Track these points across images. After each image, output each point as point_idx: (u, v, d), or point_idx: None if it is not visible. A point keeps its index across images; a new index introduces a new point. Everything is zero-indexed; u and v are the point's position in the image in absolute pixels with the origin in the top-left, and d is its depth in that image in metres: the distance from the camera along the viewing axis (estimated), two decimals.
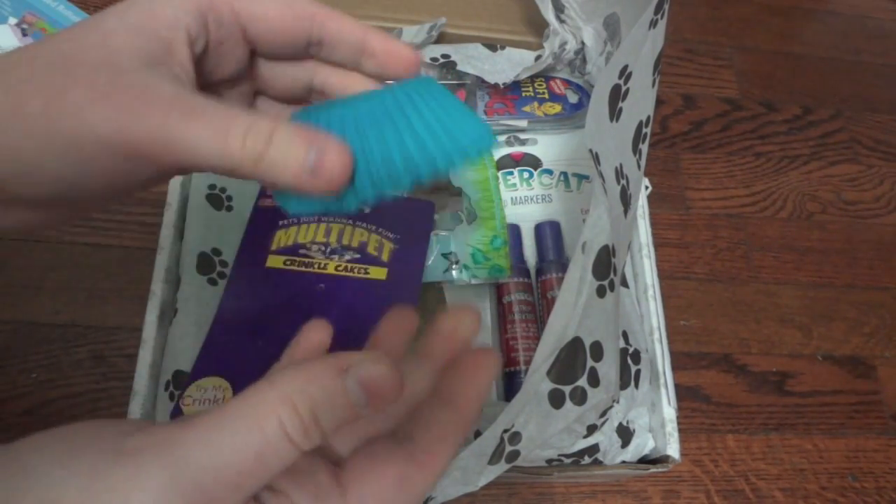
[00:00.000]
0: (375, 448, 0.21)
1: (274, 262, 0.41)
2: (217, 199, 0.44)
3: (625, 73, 0.32)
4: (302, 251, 0.41)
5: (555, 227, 0.48)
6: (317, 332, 0.24)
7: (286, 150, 0.19)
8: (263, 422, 0.16)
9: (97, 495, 0.15)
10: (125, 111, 0.18)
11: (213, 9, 0.21)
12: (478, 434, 0.35)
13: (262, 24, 0.22)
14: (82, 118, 0.18)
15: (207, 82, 0.23)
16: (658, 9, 0.33)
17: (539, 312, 0.46)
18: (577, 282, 0.31)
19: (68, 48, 0.19)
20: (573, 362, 0.32)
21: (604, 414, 0.37)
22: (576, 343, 0.32)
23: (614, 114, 0.32)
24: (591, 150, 0.30)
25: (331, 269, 0.41)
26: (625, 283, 0.45)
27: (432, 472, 0.20)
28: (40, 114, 0.18)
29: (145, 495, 0.15)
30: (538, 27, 0.51)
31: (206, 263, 0.43)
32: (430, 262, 0.44)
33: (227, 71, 0.23)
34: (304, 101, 0.26)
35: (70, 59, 0.19)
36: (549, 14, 0.49)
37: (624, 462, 0.41)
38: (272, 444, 0.16)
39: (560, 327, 0.31)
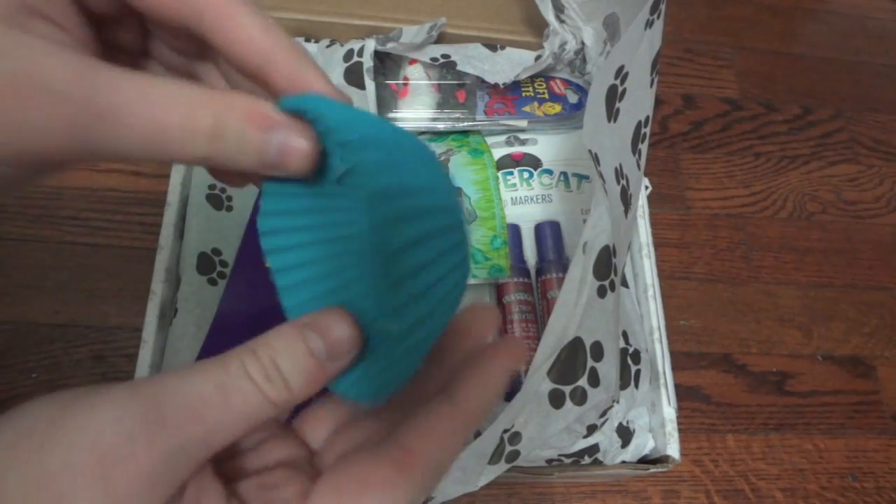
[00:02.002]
0: (348, 443, 0.20)
1: None
2: (217, 199, 0.44)
3: (621, 74, 0.32)
4: None
5: (555, 227, 0.48)
6: None
7: (239, 142, 0.16)
8: (226, 362, 0.16)
9: (62, 420, 0.15)
10: (10, 124, 0.14)
11: None
12: (478, 434, 0.35)
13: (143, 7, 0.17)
14: None
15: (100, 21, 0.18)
16: (654, 9, 0.33)
17: (539, 312, 0.46)
18: (577, 282, 0.31)
19: None
20: (573, 362, 0.32)
21: (604, 414, 0.37)
22: (576, 343, 0.32)
23: (612, 114, 0.32)
24: (589, 151, 0.30)
25: None
26: (625, 283, 0.45)
27: (410, 474, 0.17)
28: None
29: (103, 410, 0.15)
30: (538, 27, 0.51)
31: (206, 263, 0.43)
32: None
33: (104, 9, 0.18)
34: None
35: None
36: (549, 14, 0.49)
37: (624, 462, 0.41)
38: (234, 380, 0.16)
39: (560, 327, 0.32)
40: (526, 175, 0.50)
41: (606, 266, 0.31)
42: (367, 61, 0.46)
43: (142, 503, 0.15)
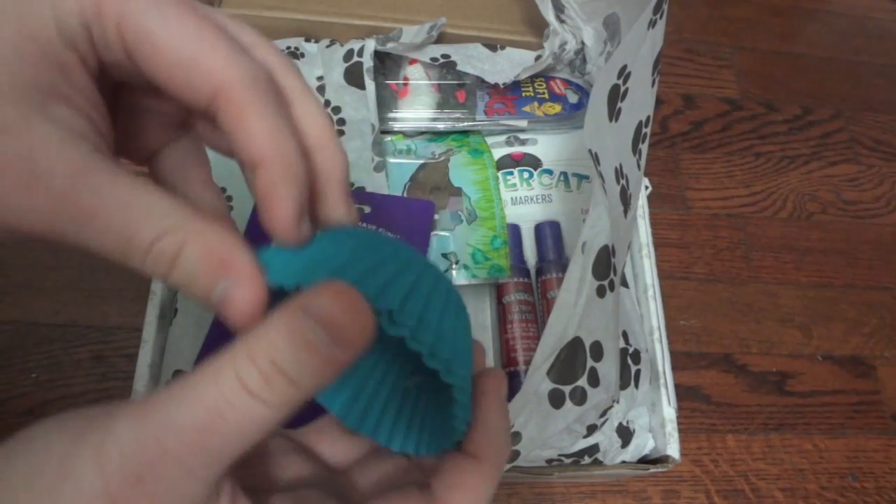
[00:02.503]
0: (383, 479, 0.20)
1: None
2: None
3: (623, 74, 0.32)
4: None
5: (555, 227, 0.48)
6: None
7: (190, 277, 0.16)
8: (219, 376, 0.15)
9: (72, 458, 0.15)
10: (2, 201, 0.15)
11: (99, 21, 0.16)
12: None
13: (150, 64, 0.16)
14: None
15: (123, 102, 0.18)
16: (657, 9, 0.33)
17: (539, 312, 0.46)
18: (577, 282, 0.31)
19: None
20: (573, 362, 0.32)
21: (604, 414, 0.37)
22: (576, 343, 0.32)
23: (613, 114, 0.32)
24: (590, 151, 0.30)
25: None
26: (625, 283, 0.45)
27: None
28: None
29: (109, 452, 0.15)
30: (538, 27, 0.51)
31: None
32: None
33: (142, 80, 0.17)
34: None
35: None
36: (549, 14, 0.49)
37: (624, 462, 0.41)
38: (228, 397, 0.15)
39: (560, 327, 0.32)
40: (526, 175, 0.50)
41: (606, 266, 0.31)
42: (367, 61, 0.46)
43: None
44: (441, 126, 0.49)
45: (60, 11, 0.15)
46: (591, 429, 0.36)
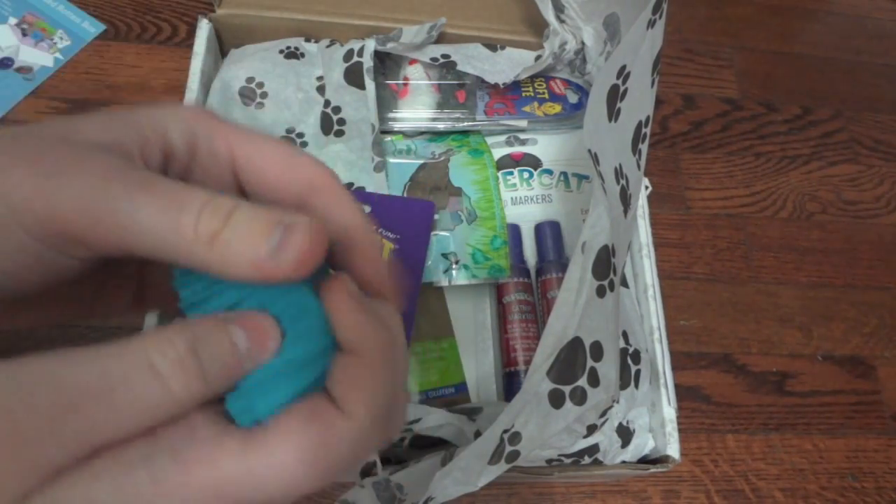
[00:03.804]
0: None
1: None
2: None
3: (623, 74, 0.32)
4: None
5: (555, 227, 0.48)
6: None
7: (245, 229, 0.16)
8: (126, 348, 0.15)
9: None
10: (53, 173, 0.15)
11: (211, 138, 0.19)
12: (478, 434, 0.35)
13: (256, 175, 0.20)
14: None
15: None
16: (656, 9, 0.33)
17: (539, 312, 0.46)
18: (576, 282, 0.31)
19: (33, 126, 0.16)
20: (573, 362, 0.32)
21: (604, 414, 0.37)
22: (576, 343, 0.32)
23: (613, 114, 0.32)
24: (589, 151, 0.30)
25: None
26: (625, 283, 0.45)
27: (357, 421, 0.17)
28: None
29: None
30: (538, 27, 0.51)
31: None
32: (429, 262, 0.44)
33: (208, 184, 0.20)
34: None
35: (25, 134, 0.16)
36: (549, 14, 0.49)
37: (624, 462, 0.41)
38: (126, 370, 0.14)
39: (560, 327, 0.32)
40: (526, 175, 0.50)
41: (605, 266, 0.31)
42: (367, 61, 0.46)
43: (17, 488, 0.13)
44: (441, 126, 0.49)
45: (176, 116, 0.19)
46: (591, 429, 0.36)
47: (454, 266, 0.44)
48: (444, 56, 0.48)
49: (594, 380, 0.32)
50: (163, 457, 0.15)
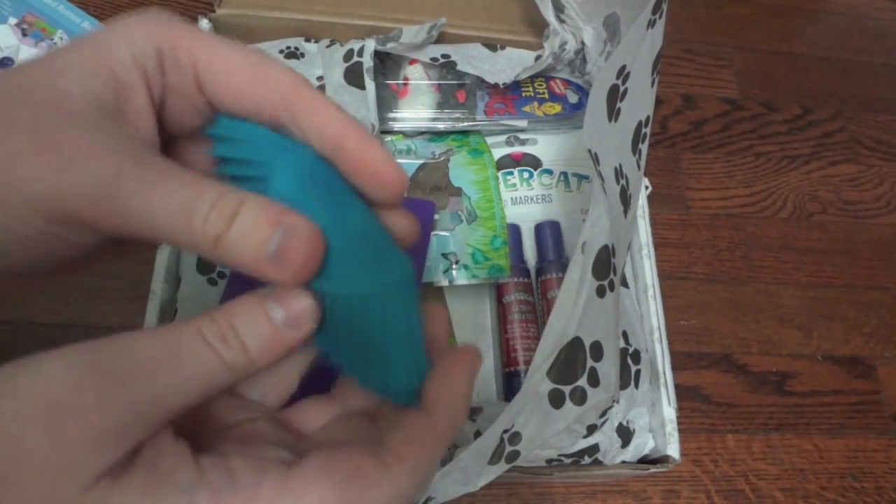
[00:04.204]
0: (340, 436, 0.20)
1: None
2: None
3: (623, 74, 0.32)
4: None
5: (555, 227, 0.48)
6: None
7: (248, 231, 0.16)
8: (182, 324, 0.17)
9: (14, 374, 0.15)
10: (67, 165, 0.16)
11: (173, 51, 0.18)
12: (478, 434, 0.35)
13: (219, 83, 0.19)
14: (13, 172, 0.15)
15: (168, 133, 0.20)
16: (656, 9, 0.33)
17: (539, 312, 0.46)
18: (576, 282, 0.31)
19: (14, 85, 0.16)
20: (573, 362, 0.32)
21: (604, 414, 0.37)
22: (576, 343, 0.31)
23: (613, 114, 0.32)
24: (589, 151, 0.30)
25: None
26: (625, 283, 0.45)
27: (397, 476, 0.17)
28: None
29: (52, 364, 0.15)
30: (538, 27, 0.51)
31: (206, 263, 0.43)
32: (429, 262, 0.44)
33: (189, 123, 0.20)
34: None
35: (12, 100, 0.16)
36: (549, 14, 0.49)
37: (624, 462, 0.41)
38: (187, 340, 0.16)
39: (560, 327, 0.31)
40: (526, 175, 0.50)
41: (605, 266, 0.31)
42: (367, 61, 0.46)
43: (90, 459, 0.15)
44: (441, 126, 0.49)
45: (135, 40, 0.18)
46: (591, 429, 0.36)
47: (454, 266, 0.44)
48: (444, 56, 0.48)
49: (594, 380, 0.32)
50: (203, 493, 0.16)
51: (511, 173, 0.50)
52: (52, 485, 0.14)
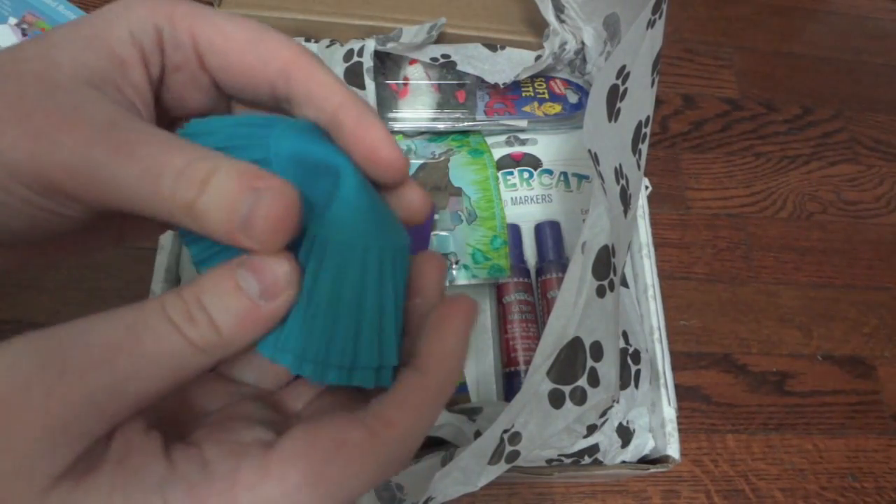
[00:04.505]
0: (326, 407, 0.19)
1: None
2: None
3: (622, 74, 0.32)
4: None
5: (555, 227, 0.48)
6: None
7: (219, 198, 0.15)
8: (145, 304, 0.15)
9: None
10: (41, 135, 0.15)
11: (172, 28, 0.18)
12: (478, 434, 0.35)
13: (219, 58, 0.18)
14: None
15: (173, 115, 0.20)
16: (656, 9, 0.33)
17: (539, 312, 0.46)
18: (576, 282, 0.31)
19: (7, 59, 0.16)
20: (573, 362, 0.32)
21: (604, 414, 0.37)
22: (576, 343, 0.32)
23: (613, 114, 0.32)
24: (589, 151, 0.30)
25: None
26: (625, 283, 0.45)
27: (387, 445, 0.16)
28: None
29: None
30: (538, 27, 0.51)
31: None
32: None
33: (195, 103, 0.20)
34: None
35: (2, 73, 0.16)
36: (549, 14, 0.49)
37: (624, 462, 0.41)
38: (148, 320, 0.15)
39: (560, 327, 0.32)
40: (526, 175, 0.50)
41: (605, 266, 0.31)
42: (367, 61, 0.46)
43: (44, 459, 0.13)
44: (441, 126, 0.49)
45: (135, 16, 0.17)
46: (591, 429, 0.36)
47: (454, 266, 0.44)
48: (444, 56, 0.48)
49: (594, 380, 0.32)
50: (176, 489, 0.14)
51: (511, 173, 0.50)
52: (6, 490, 0.13)
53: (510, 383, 0.43)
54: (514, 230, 0.48)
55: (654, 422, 0.42)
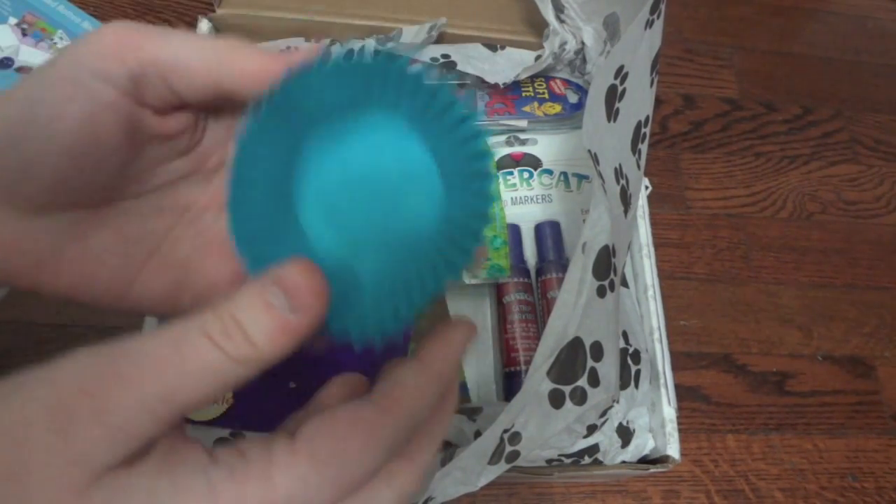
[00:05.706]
0: (331, 402, 0.21)
1: None
2: None
3: (621, 74, 0.32)
4: None
5: (555, 227, 0.48)
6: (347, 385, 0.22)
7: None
8: (186, 322, 0.16)
9: (23, 376, 0.16)
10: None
11: (138, 59, 0.19)
12: (478, 434, 0.35)
13: (187, 86, 0.20)
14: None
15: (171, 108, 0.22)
16: (654, 9, 0.33)
17: (539, 312, 0.46)
18: (577, 282, 0.31)
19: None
20: (573, 362, 0.32)
21: (604, 414, 0.37)
22: (576, 343, 0.32)
23: (612, 114, 0.32)
24: (589, 151, 0.30)
25: None
26: (625, 283, 0.45)
27: (395, 416, 0.18)
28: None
29: (62, 367, 0.16)
30: (538, 27, 0.51)
31: None
32: None
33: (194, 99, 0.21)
34: None
35: None
36: (549, 14, 0.49)
37: (624, 462, 0.41)
38: (190, 338, 0.16)
39: (560, 327, 0.31)
40: (526, 175, 0.50)
41: (606, 266, 0.31)
42: None
43: (100, 451, 0.15)
44: None
45: (102, 54, 0.19)
46: (591, 429, 0.36)
47: None
48: (444, 56, 0.48)
49: (594, 380, 0.32)
50: (219, 471, 0.16)
51: (511, 173, 0.50)
52: (60, 476, 0.15)
53: (510, 383, 0.43)
54: (514, 230, 0.48)
55: (654, 422, 0.42)
